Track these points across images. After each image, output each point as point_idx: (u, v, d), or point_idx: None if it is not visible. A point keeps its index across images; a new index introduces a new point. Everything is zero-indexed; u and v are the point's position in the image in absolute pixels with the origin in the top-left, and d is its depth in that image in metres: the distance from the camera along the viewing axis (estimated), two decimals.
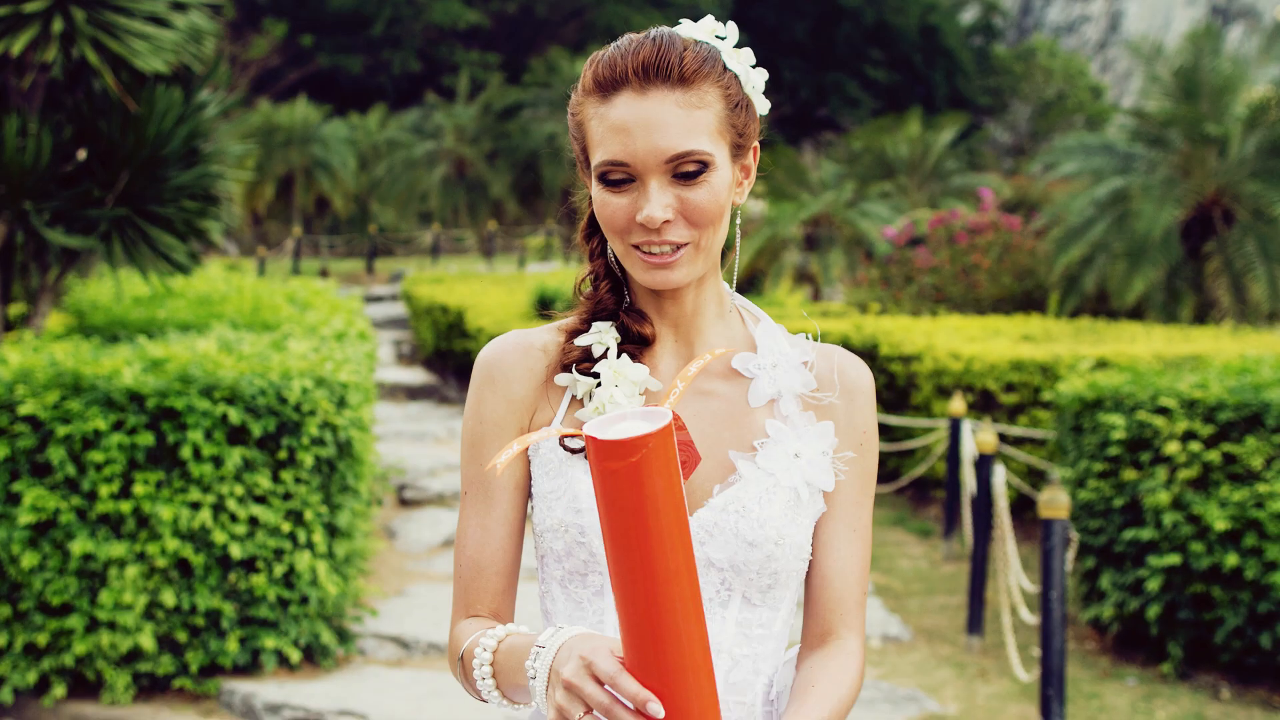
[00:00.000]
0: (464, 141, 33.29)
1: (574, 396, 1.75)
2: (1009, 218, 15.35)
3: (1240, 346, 9.09)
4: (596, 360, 1.75)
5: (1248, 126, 13.38)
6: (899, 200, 20.83)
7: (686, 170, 1.65)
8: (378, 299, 23.89)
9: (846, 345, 10.85)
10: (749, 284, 18.75)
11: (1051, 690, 4.56)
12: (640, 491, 1.41)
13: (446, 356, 16.25)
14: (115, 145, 7.45)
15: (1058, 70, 48.53)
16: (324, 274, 29.21)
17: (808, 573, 1.79)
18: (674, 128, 1.64)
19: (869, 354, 10.69)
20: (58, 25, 6.90)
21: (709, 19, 1.73)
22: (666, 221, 1.66)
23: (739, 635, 1.72)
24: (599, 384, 1.72)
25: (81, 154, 7.53)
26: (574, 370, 1.75)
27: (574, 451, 1.71)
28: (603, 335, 1.76)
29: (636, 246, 1.68)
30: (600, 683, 1.46)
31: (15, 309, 8.69)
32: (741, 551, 1.68)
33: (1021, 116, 49.36)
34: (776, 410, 1.77)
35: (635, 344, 1.76)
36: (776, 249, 18.66)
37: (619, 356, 1.74)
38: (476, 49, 43.53)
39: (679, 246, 1.68)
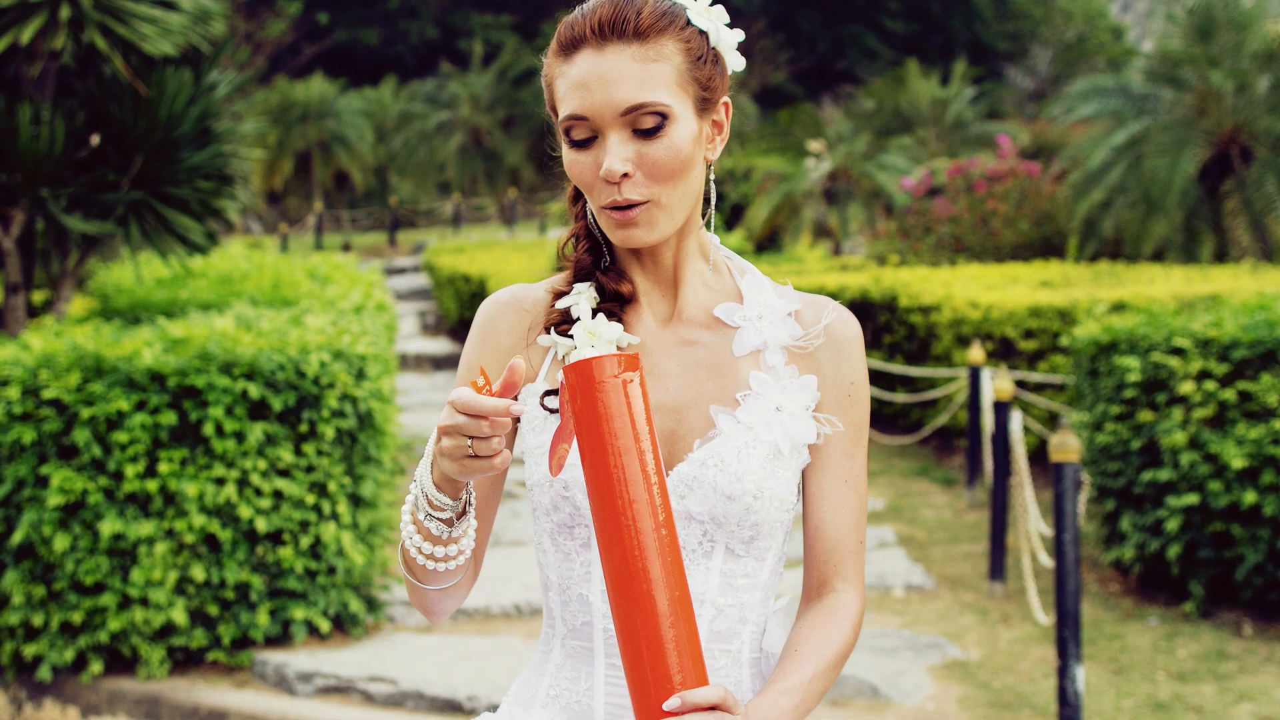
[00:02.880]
0: (479, 110, 33.28)
1: (555, 356, 1.79)
2: (1028, 164, 15.28)
3: (1260, 285, 9.07)
4: (574, 321, 1.78)
5: (1264, 62, 13.26)
6: (917, 152, 20.73)
7: (645, 125, 1.67)
8: (400, 271, 23.97)
9: (866, 298, 10.86)
10: (769, 240, 18.71)
11: (1067, 632, 4.60)
12: (645, 399, 1.53)
13: (470, 325, 16.34)
14: (128, 129, 7.53)
15: (1077, 12, 47.99)
16: (347, 248, 29.34)
17: (804, 525, 1.83)
18: (630, 80, 1.66)
19: (889, 306, 10.70)
20: (65, 12, 6.97)
21: None
22: (625, 175, 1.68)
23: (723, 585, 1.74)
24: (575, 346, 1.75)
25: (95, 139, 7.61)
26: (553, 332, 1.79)
27: (552, 411, 1.75)
28: (580, 296, 1.79)
29: (606, 207, 1.71)
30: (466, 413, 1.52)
31: (39, 295, 8.81)
32: (720, 505, 1.71)
33: (1042, 61, 48.88)
34: (761, 361, 1.78)
35: (613, 302, 1.79)
36: (795, 204, 18.62)
37: (593, 316, 1.76)
38: (490, 13, 43.43)
39: (638, 205, 1.70)
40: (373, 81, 39.99)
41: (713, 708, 1.51)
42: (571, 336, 1.76)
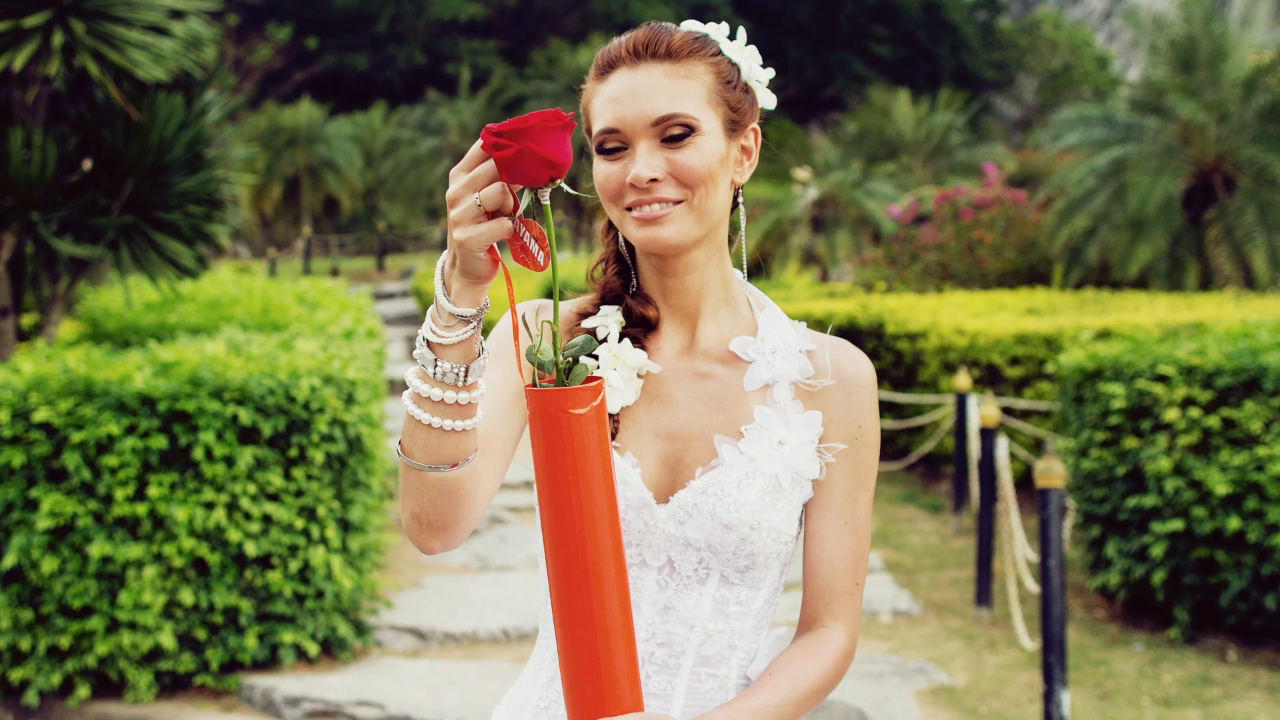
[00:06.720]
0: (467, 137, 33.37)
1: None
2: (1013, 192, 15.38)
3: (1243, 313, 9.14)
4: (601, 342, 1.82)
5: (1247, 92, 13.38)
6: (904, 178, 20.85)
7: (673, 134, 1.71)
8: (389, 296, 23.99)
9: (853, 325, 10.92)
10: (756, 268, 18.69)
11: (1053, 657, 4.63)
12: (600, 432, 1.53)
13: None
14: (119, 154, 7.55)
15: (1063, 42, 48.37)
16: (335, 273, 29.35)
17: (803, 561, 1.84)
18: (660, 93, 1.72)
19: (875, 333, 10.75)
20: (58, 38, 7.00)
21: (715, 25, 1.81)
22: (654, 180, 1.72)
23: (715, 611, 1.77)
24: (598, 366, 1.79)
25: (87, 164, 7.64)
26: None
27: None
28: (607, 319, 1.83)
29: (629, 209, 1.74)
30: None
31: (28, 319, 8.81)
32: (717, 533, 1.74)
33: (1028, 90, 49.23)
34: (769, 397, 1.81)
35: (639, 327, 1.82)
36: (784, 231, 18.71)
37: (620, 340, 1.80)
38: (478, 39, 43.64)
39: (670, 204, 1.73)
40: (362, 106, 40.11)
41: None
42: (595, 356, 1.80)
